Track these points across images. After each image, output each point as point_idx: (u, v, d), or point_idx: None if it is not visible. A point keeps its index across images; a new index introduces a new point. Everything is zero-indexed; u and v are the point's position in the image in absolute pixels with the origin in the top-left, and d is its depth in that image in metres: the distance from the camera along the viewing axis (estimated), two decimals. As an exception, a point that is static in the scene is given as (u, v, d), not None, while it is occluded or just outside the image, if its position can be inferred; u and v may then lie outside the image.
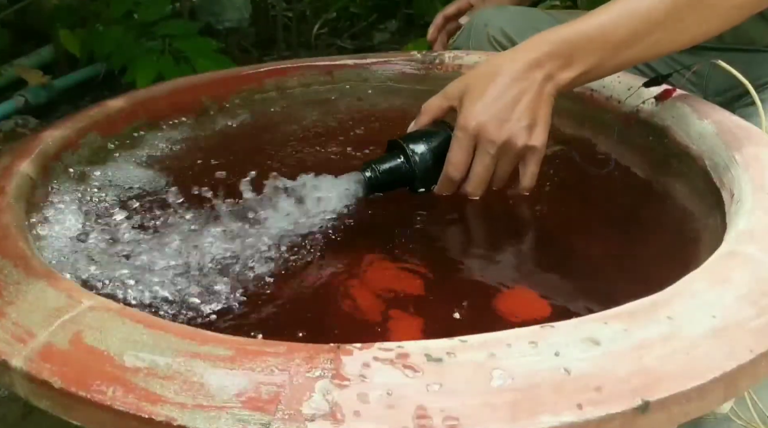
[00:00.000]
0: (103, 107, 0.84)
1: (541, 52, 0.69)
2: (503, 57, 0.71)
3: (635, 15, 0.67)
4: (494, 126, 0.68)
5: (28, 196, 0.65)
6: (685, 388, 0.38)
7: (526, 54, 0.69)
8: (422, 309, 0.59)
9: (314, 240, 0.68)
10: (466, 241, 0.73)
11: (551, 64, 0.68)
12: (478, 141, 0.69)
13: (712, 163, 0.66)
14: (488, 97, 0.68)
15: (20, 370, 0.42)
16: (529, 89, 0.68)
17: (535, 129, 0.68)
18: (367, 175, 0.71)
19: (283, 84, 0.97)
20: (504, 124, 0.68)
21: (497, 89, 0.68)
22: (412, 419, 0.36)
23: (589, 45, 0.68)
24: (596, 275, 0.65)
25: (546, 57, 0.68)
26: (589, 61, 0.68)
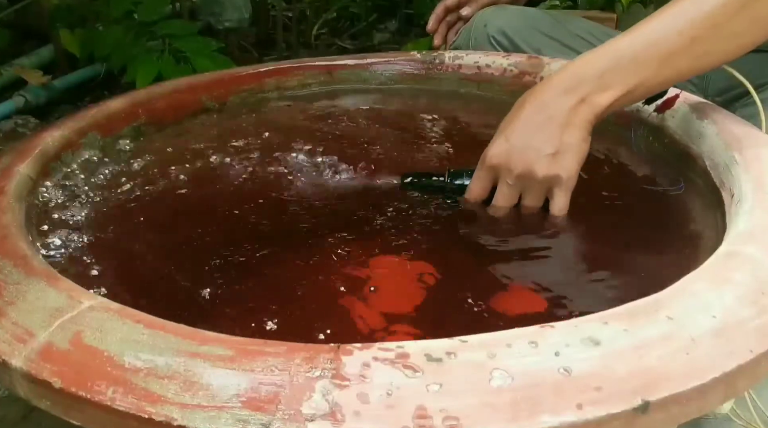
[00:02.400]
0: (103, 107, 0.84)
1: (574, 76, 0.65)
2: (535, 86, 0.68)
3: (673, 29, 0.64)
4: (513, 155, 0.65)
5: (28, 196, 0.65)
6: (685, 388, 0.38)
7: (557, 81, 0.66)
8: (423, 309, 0.59)
9: (316, 236, 0.68)
10: (467, 240, 0.73)
11: (587, 87, 0.64)
12: (497, 171, 0.67)
13: (712, 163, 0.66)
14: (513, 127, 0.66)
15: (20, 370, 0.42)
16: (559, 115, 0.64)
17: (561, 157, 0.65)
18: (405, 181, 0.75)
19: (283, 84, 0.97)
20: (524, 153, 0.65)
21: (523, 118, 0.66)
22: (412, 419, 0.36)
23: (629, 64, 0.64)
24: (596, 275, 0.65)
25: (578, 81, 0.65)
26: (629, 81, 0.64)
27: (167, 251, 0.67)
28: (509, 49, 1.06)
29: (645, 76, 0.64)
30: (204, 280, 0.62)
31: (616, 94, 0.64)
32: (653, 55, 0.64)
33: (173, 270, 0.64)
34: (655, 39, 0.64)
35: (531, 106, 0.66)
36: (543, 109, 0.65)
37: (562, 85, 0.65)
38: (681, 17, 0.64)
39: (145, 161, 0.81)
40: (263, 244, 0.67)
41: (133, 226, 0.69)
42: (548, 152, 0.64)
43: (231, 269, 0.64)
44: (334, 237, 0.68)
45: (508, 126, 0.67)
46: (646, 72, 0.64)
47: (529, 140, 0.65)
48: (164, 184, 0.77)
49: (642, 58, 0.64)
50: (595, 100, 0.64)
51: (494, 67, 0.95)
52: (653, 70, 0.64)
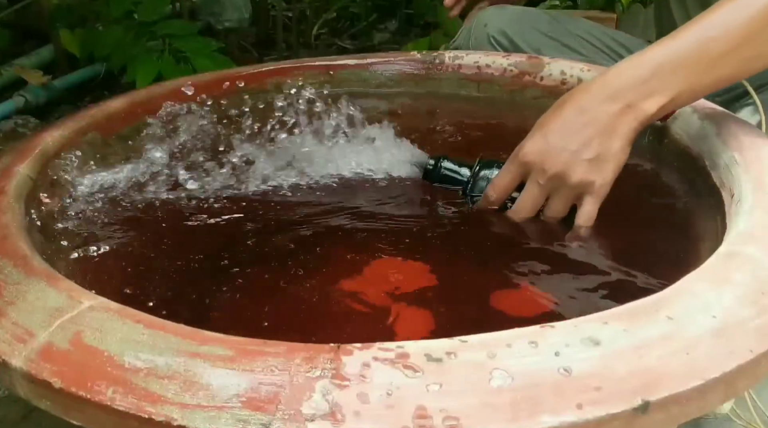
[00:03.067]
0: (103, 107, 0.83)
1: (619, 81, 0.63)
2: (579, 86, 0.66)
3: (720, 31, 0.61)
4: (549, 155, 0.63)
5: (28, 196, 0.65)
6: (685, 388, 0.38)
7: (600, 85, 0.63)
8: (423, 309, 0.59)
9: (318, 235, 0.68)
10: (468, 240, 0.73)
11: (631, 94, 0.62)
12: (529, 168, 0.64)
13: (712, 163, 0.65)
14: (552, 126, 0.64)
15: (20, 370, 0.42)
16: (601, 121, 0.62)
17: (599, 164, 0.62)
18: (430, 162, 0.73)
19: (283, 84, 0.97)
20: (561, 154, 0.62)
21: (563, 118, 0.63)
22: (412, 419, 0.36)
23: (671, 68, 0.61)
24: (597, 275, 0.64)
25: (625, 87, 0.62)
26: (676, 86, 0.62)
27: (167, 250, 0.67)
28: (509, 49, 1.06)
29: (692, 80, 0.62)
30: (204, 280, 0.62)
31: (662, 100, 0.62)
32: (701, 59, 0.61)
33: (173, 270, 0.64)
34: (702, 41, 0.61)
35: (572, 108, 0.64)
36: (585, 112, 0.63)
37: (606, 89, 0.63)
38: (730, 19, 0.61)
39: (145, 161, 0.81)
40: (265, 245, 0.67)
41: (133, 226, 0.69)
42: (586, 157, 0.62)
43: (232, 267, 0.64)
44: (336, 237, 0.69)
45: (547, 124, 0.64)
46: (693, 76, 0.62)
47: (568, 142, 0.62)
48: (164, 185, 0.77)
49: (689, 62, 0.61)
50: (640, 107, 0.62)
51: (494, 67, 0.95)
52: (701, 74, 0.61)
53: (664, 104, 0.62)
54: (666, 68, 0.62)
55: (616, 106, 0.62)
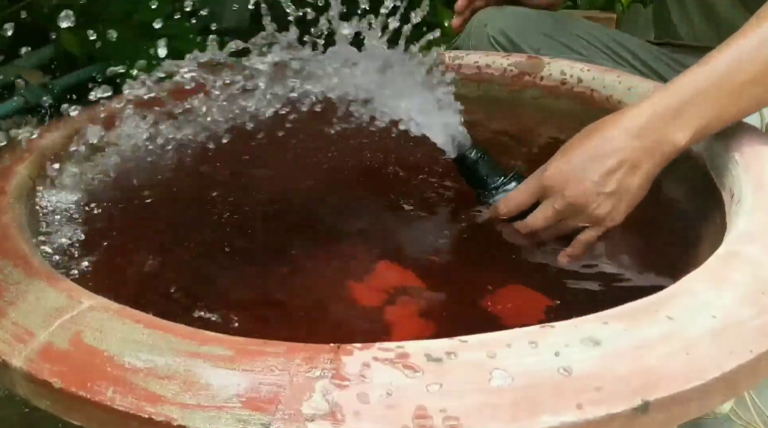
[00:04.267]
0: (102, 107, 0.83)
1: (649, 114, 0.62)
2: (612, 116, 0.65)
3: (748, 58, 0.60)
4: (570, 182, 0.63)
5: (28, 196, 0.65)
6: (685, 388, 0.38)
7: (631, 118, 0.62)
8: (423, 309, 0.59)
9: (318, 235, 0.68)
10: (468, 241, 0.73)
11: (662, 126, 0.61)
12: (548, 191, 0.64)
13: (712, 163, 0.65)
14: (579, 152, 0.63)
15: (20, 370, 0.42)
16: (627, 154, 0.61)
17: (615, 200, 0.62)
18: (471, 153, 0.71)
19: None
20: (582, 183, 0.62)
21: (591, 147, 0.63)
22: (412, 419, 0.36)
23: (701, 98, 0.61)
24: (596, 275, 0.65)
25: (654, 120, 0.61)
26: (703, 116, 0.61)
27: (167, 251, 0.67)
28: (509, 49, 1.06)
29: (719, 110, 0.61)
30: (204, 280, 0.62)
31: (690, 132, 0.61)
32: (727, 88, 0.61)
33: (174, 271, 0.64)
34: (728, 70, 0.61)
35: (600, 138, 0.63)
36: (612, 143, 0.62)
37: (636, 123, 0.62)
38: (755, 46, 0.60)
39: (145, 161, 0.81)
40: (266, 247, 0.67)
41: (133, 226, 0.69)
42: (605, 190, 0.62)
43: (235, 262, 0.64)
44: (331, 239, 0.68)
45: (574, 150, 0.64)
46: (720, 106, 0.61)
47: (591, 172, 0.62)
48: (166, 183, 0.77)
49: (716, 92, 0.61)
50: (671, 141, 0.61)
51: (494, 67, 0.95)
52: (727, 103, 0.61)
53: (692, 136, 0.61)
54: (696, 100, 0.61)
55: (644, 141, 0.62)
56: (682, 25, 1.03)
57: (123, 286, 0.61)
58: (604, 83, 0.84)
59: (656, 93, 0.63)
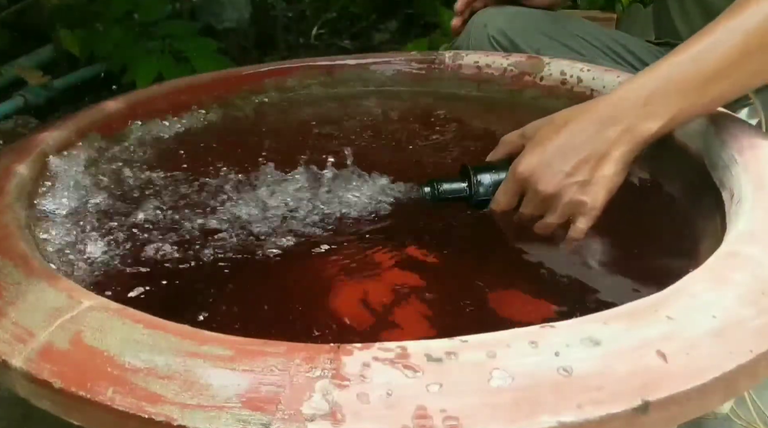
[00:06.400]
0: (102, 107, 0.84)
1: (617, 105, 0.63)
2: (583, 105, 0.66)
3: (717, 50, 0.61)
4: (545, 176, 0.64)
5: (28, 196, 0.65)
6: (685, 388, 0.38)
7: (602, 108, 0.64)
8: (423, 309, 0.59)
9: (318, 237, 0.68)
10: (468, 242, 0.73)
11: (630, 117, 0.62)
12: (526, 187, 0.66)
13: (712, 163, 0.66)
14: (549, 146, 0.64)
15: (20, 370, 0.42)
16: (597, 144, 0.63)
17: (591, 187, 0.63)
18: (426, 190, 0.72)
19: (283, 84, 0.97)
20: (555, 176, 0.64)
21: (562, 139, 0.64)
22: (412, 419, 0.36)
23: (669, 89, 0.62)
24: (596, 275, 0.65)
25: (622, 110, 0.63)
26: (674, 107, 0.62)
27: (167, 252, 0.67)
28: (509, 49, 1.06)
29: (689, 100, 0.62)
30: (205, 281, 0.62)
31: (660, 122, 0.62)
32: (696, 79, 0.61)
33: (174, 271, 0.64)
34: (697, 62, 0.62)
35: (572, 129, 0.64)
36: (583, 134, 0.63)
37: (605, 112, 0.63)
38: (725, 38, 0.61)
39: (144, 161, 0.81)
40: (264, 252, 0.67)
41: (131, 226, 0.69)
42: (578, 180, 0.63)
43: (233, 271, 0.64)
44: (331, 239, 0.68)
45: (545, 142, 0.65)
46: (690, 97, 0.62)
47: (563, 164, 0.63)
48: (163, 185, 0.77)
49: (685, 83, 0.62)
50: (639, 130, 0.62)
51: (494, 67, 0.95)
52: (697, 94, 0.62)
53: (661, 126, 0.62)
54: (664, 89, 0.62)
55: (614, 130, 0.62)
56: (682, 25, 1.03)
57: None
58: (604, 83, 0.84)
59: (626, 83, 0.65)
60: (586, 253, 0.68)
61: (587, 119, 0.64)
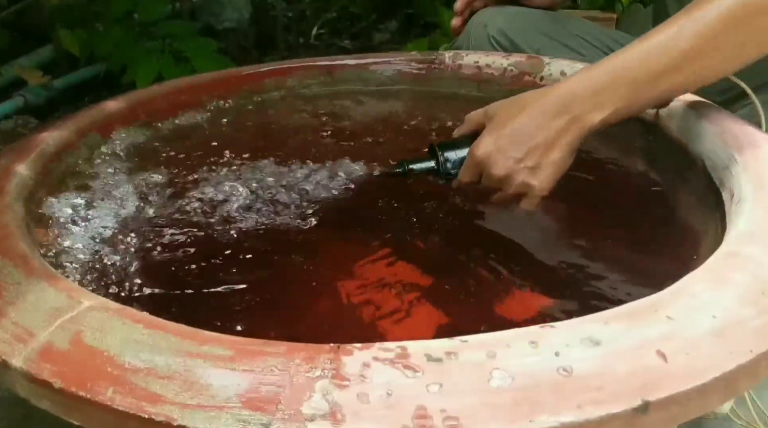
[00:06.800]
0: (102, 107, 0.84)
1: (567, 96, 0.66)
2: (539, 92, 0.69)
3: (667, 47, 0.64)
4: (498, 160, 0.68)
5: (27, 196, 0.65)
6: (685, 388, 0.38)
7: (552, 99, 0.67)
8: (423, 310, 0.59)
9: (318, 236, 0.68)
10: (468, 242, 0.73)
11: (579, 106, 0.66)
12: (483, 168, 0.69)
13: (712, 163, 0.66)
14: (504, 130, 0.68)
15: (20, 370, 0.42)
16: (547, 133, 0.66)
17: (539, 172, 0.67)
18: (398, 171, 0.76)
19: (283, 84, 0.97)
20: (507, 161, 0.68)
21: (516, 125, 0.68)
22: (412, 419, 0.36)
23: (617, 82, 0.65)
24: (597, 275, 0.65)
25: (572, 101, 0.66)
26: (620, 100, 0.65)
27: (167, 251, 0.67)
28: (509, 49, 1.06)
29: (635, 94, 0.65)
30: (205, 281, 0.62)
31: (605, 113, 0.65)
32: (643, 74, 0.64)
33: (174, 272, 0.64)
34: (645, 57, 0.64)
35: (524, 117, 0.68)
36: (534, 122, 0.67)
37: (556, 103, 0.67)
38: (675, 37, 0.64)
39: (144, 161, 0.81)
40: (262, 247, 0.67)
41: (131, 226, 0.69)
42: (527, 165, 0.67)
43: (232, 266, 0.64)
44: (330, 239, 0.69)
45: (500, 128, 0.69)
46: (636, 91, 0.65)
47: (515, 150, 0.67)
48: (163, 185, 0.77)
49: (632, 77, 0.64)
50: (586, 120, 0.66)
51: (494, 67, 0.95)
52: (643, 89, 0.65)
53: (607, 115, 0.65)
54: (612, 82, 0.65)
55: (563, 120, 0.66)
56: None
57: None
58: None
59: (578, 74, 0.68)
60: (586, 253, 0.68)
61: (539, 107, 0.68)
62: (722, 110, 0.72)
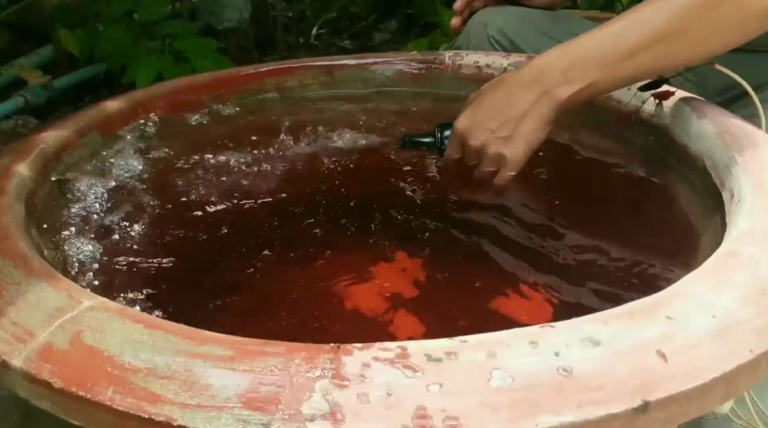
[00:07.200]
0: (102, 107, 0.83)
1: (540, 70, 0.70)
2: (516, 70, 0.74)
3: (638, 28, 0.67)
4: (474, 131, 0.73)
5: (27, 196, 0.65)
6: (685, 388, 0.38)
7: (525, 73, 0.72)
8: (423, 310, 0.59)
9: (316, 236, 0.68)
10: (468, 241, 0.73)
11: (550, 81, 0.69)
12: (462, 141, 0.74)
13: (712, 163, 0.65)
14: (481, 106, 0.73)
15: (20, 370, 0.42)
16: (520, 105, 0.70)
17: (512, 142, 0.71)
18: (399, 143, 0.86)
19: (283, 84, 0.97)
20: (483, 132, 0.72)
21: (492, 98, 0.72)
22: (412, 419, 0.36)
23: (588, 59, 0.68)
24: (597, 275, 0.65)
25: (543, 75, 0.70)
26: (592, 76, 0.68)
27: (167, 252, 0.67)
28: (509, 49, 1.06)
29: (607, 72, 0.68)
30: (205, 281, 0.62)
31: (576, 87, 0.68)
32: (615, 53, 0.67)
33: (174, 271, 0.64)
34: (619, 37, 0.68)
35: (500, 91, 0.72)
36: (508, 95, 0.71)
37: (529, 76, 0.71)
38: (647, 18, 0.67)
39: (143, 161, 0.81)
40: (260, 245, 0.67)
41: (131, 226, 0.69)
42: (501, 135, 0.71)
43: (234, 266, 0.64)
44: (330, 238, 0.69)
45: (478, 103, 0.74)
46: (608, 68, 0.68)
47: (490, 122, 0.72)
48: (163, 185, 0.77)
49: (604, 55, 0.68)
50: (555, 94, 0.69)
51: (494, 67, 0.95)
52: (615, 67, 0.68)
53: (577, 91, 0.69)
54: (583, 59, 0.68)
55: (534, 93, 0.70)
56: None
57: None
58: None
59: (552, 51, 0.71)
60: (585, 253, 0.68)
61: (513, 81, 0.72)
62: (722, 110, 0.72)
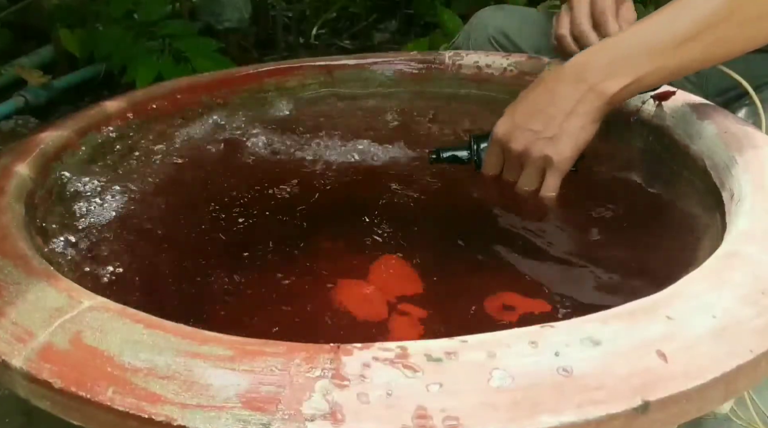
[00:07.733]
0: (102, 107, 0.83)
1: (584, 65, 0.67)
2: (550, 71, 0.71)
3: (686, 15, 0.64)
4: (514, 134, 0.68)
5: (27, 196, 0.65)
6: (685, 388, 0.38)
7: (568, 69, 0.68)
8: (423, 310, 0.59)
9: (315, 235, 0.68)
10: (469, 242, 0.73)
11: (595, 75, 0.66)
12: (503, 147, 0.70)
13: (712, 163, 0.66)
14: (520, 108, 0.69)
15: (20, 370, 0.42)
16: (564, 102, 0.67)
17: (557, 141, 0.67)
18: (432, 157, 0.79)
19: (283, 84, 0.97)
20: (524, 133, 0.68)
21: (529, 100, 0.69)
22: (412, 419, 0.36)
23: (635, 51, 0.65)
24: (596, 275, 0.64)
25: (587, 70, 0.66)
26: (641, 68, 0.65)
27: (167, 252, 0.67)
28: (509, 49, 1.06)
29: (657, 63, 0.65)
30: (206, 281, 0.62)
31: (624, 81, 0.65)
32: (666, 43, 0.64)
33: (173, 271, 0.64)
34: (669, 27, 0.65)
35: (540, 90, 0.68)
36: (551, 94, 0.67)
37: (571, 73, 0.67)
38: (697, 5, 0.64)
39: (143, 162, 0.81)
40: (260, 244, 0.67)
41: (131, 226, 0.69)
42: (546, 135, 0.67)
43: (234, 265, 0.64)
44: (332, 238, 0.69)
45: (517, 106, 0.70)
46: (658, 59, 0.64)
47: (532, 122, 0.68)
48: (163, 184, 0.77)
49: (654, 46, 0.65)
50: (601, 88, 0.66)
51: (494, 67, 0.95)
52: (665, 58, 0.64)
53: (626, 85, 0.65)
54: (632, 51, 0.65)
55: (580, 88, 0.66)
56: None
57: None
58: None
59: (596, 46, 0.69)
60: (586, 253, 0.68)
61: (554, 80, 0.68)
62: (722, 110, 0.72)
